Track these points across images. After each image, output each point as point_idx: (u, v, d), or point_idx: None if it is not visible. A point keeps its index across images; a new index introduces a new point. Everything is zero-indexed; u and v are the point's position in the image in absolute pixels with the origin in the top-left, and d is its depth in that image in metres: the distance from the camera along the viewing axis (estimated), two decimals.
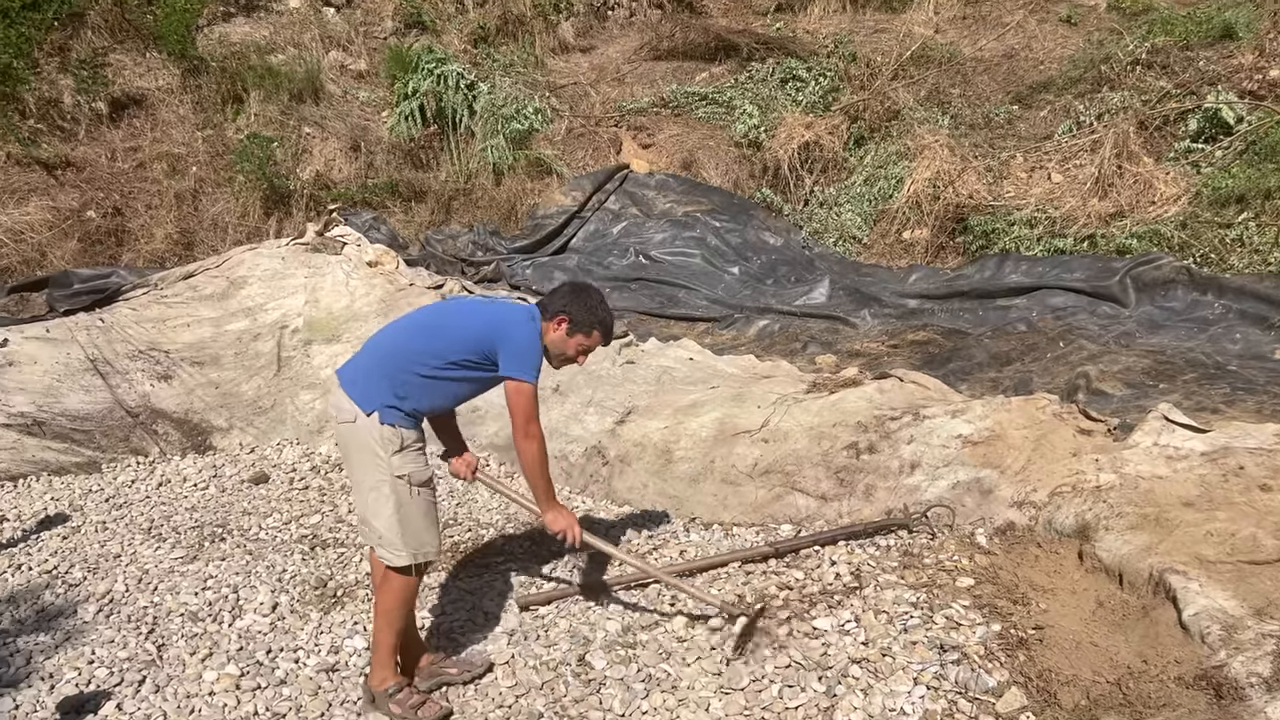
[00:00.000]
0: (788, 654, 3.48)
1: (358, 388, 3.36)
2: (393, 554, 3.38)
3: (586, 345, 3.60)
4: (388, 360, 3.40)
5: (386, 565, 3.41)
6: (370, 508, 3.39)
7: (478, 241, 9.74)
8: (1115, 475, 4.11)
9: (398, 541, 3.36)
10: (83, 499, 5.77)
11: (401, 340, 3.47)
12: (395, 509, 3.34)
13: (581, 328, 3.55)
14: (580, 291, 3.62)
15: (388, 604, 3.43)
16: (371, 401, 3.32)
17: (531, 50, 12.02)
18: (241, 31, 11.99)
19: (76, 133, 10.24)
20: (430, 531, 3.46)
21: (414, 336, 3.47)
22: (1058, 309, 7.53)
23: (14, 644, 4.04)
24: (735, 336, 7.95)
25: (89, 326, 7.06)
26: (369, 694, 3.52)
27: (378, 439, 3.31)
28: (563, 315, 3.52)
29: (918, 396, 5.36)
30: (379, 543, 3.40)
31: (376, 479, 3.35)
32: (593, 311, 3.56)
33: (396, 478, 3.34)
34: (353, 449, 3.40)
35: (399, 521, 3.35)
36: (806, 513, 4.89)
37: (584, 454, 5.89)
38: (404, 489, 3.35)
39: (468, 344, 3.41)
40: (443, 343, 3.41)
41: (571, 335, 3.55)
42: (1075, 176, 8.89)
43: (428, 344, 3.41)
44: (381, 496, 3.35)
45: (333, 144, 10.54)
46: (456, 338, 3.43)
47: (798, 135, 10.02)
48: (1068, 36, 11.02)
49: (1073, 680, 3.13)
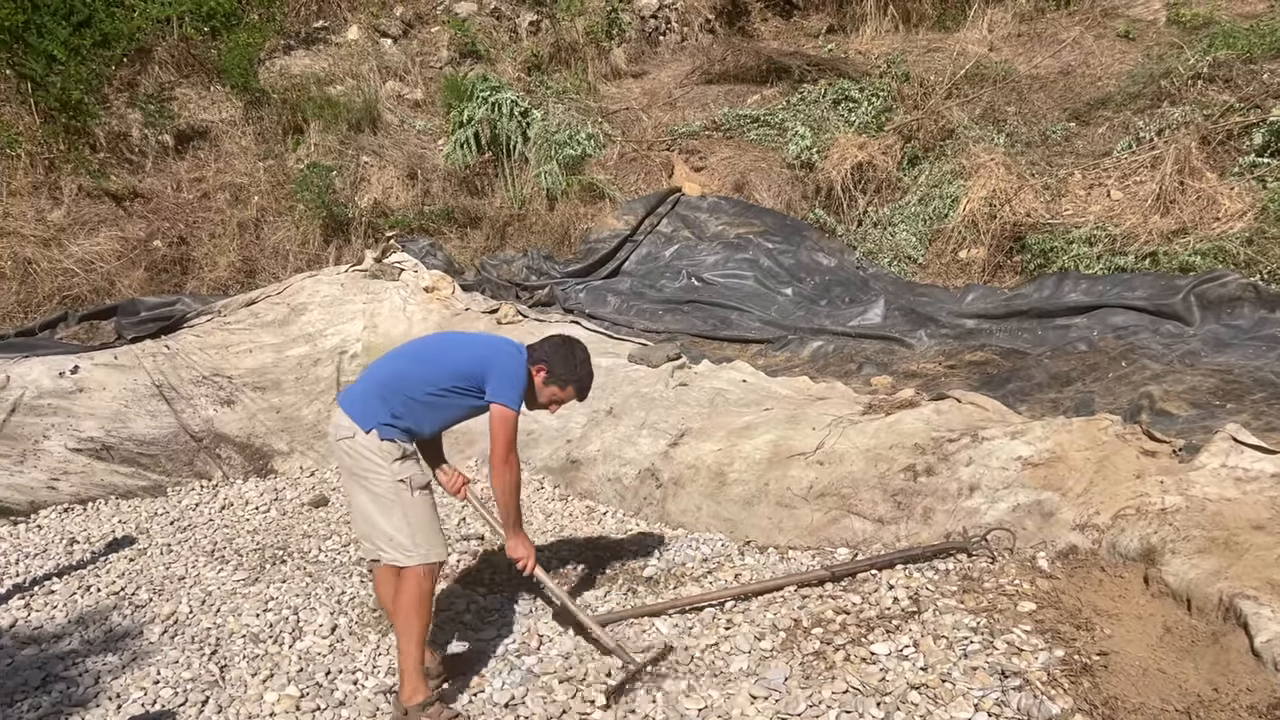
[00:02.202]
0: (845, 679, 3.43)
1: (356, 408, 3.56)
2: (404, 555, 3.51)
3: (560, 398, 3.80)
4: (384, 386, 3.59)
5: (399, 566, 3.53)
6: (378, 516, 3.53)
7: (532, 266, 9.82)
8: (1181, 497, 4.01)
9: (408, 543, 3.51)
10: (149, 522, 5.91)
11: (399, 367, 3.68)
12: (404, 512, 3.50)
13: (558, 380, 3.76)
14: (566, 346, 3.80)
15: (405, 613, 3.52)
16: (369, 420, 3.51)
17: (584, 77, 12.13)
18: (301, 64, 12.27)
19: (144, 165, 10.54)
20: (437, 534, 3.60)
21: (410, 364, 3.68)
22: (1119, 328, 7.38)
23: (83, 664, 4.14)
24: (789, 358, 7.92)
25: (155, 353, 7.25)
26: (400, 708, 3.57)
27: (377, 451, 3.50)
28: (543, 364, 3.73)
29: (976, 418, 5.29)
30: (390, 546, 3.53)
31: (381, 488, 3.52)
32: (573, 369, 3.77)
33: (399, 482, 3.51)
34: (353, 464, 3.55)
35: (408, 524, 3.51)
36: (863, 536, 4.84)
37: (637, 476, 5.89)
38: (406, 493, 3.52)
39: (459, 372, 3.61)
40: (436, 370, 3.62)
41: (547, 385, 3.75)
42: (1135, 193, 8.73)
43: (423, 371, 3.62)
44: (388, 503, 3.51)
45: (390, 172, 10.72)
46: (449, 367, 3.63)
47: (851, 155, 9.98)
48: (1126, 52, 10.85)
49: (1140, 708, 3.05)
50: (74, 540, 5.59)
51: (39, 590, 4.92)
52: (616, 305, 9.09)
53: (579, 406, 6.60)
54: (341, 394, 3.72)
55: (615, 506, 5.90)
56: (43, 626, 4.53)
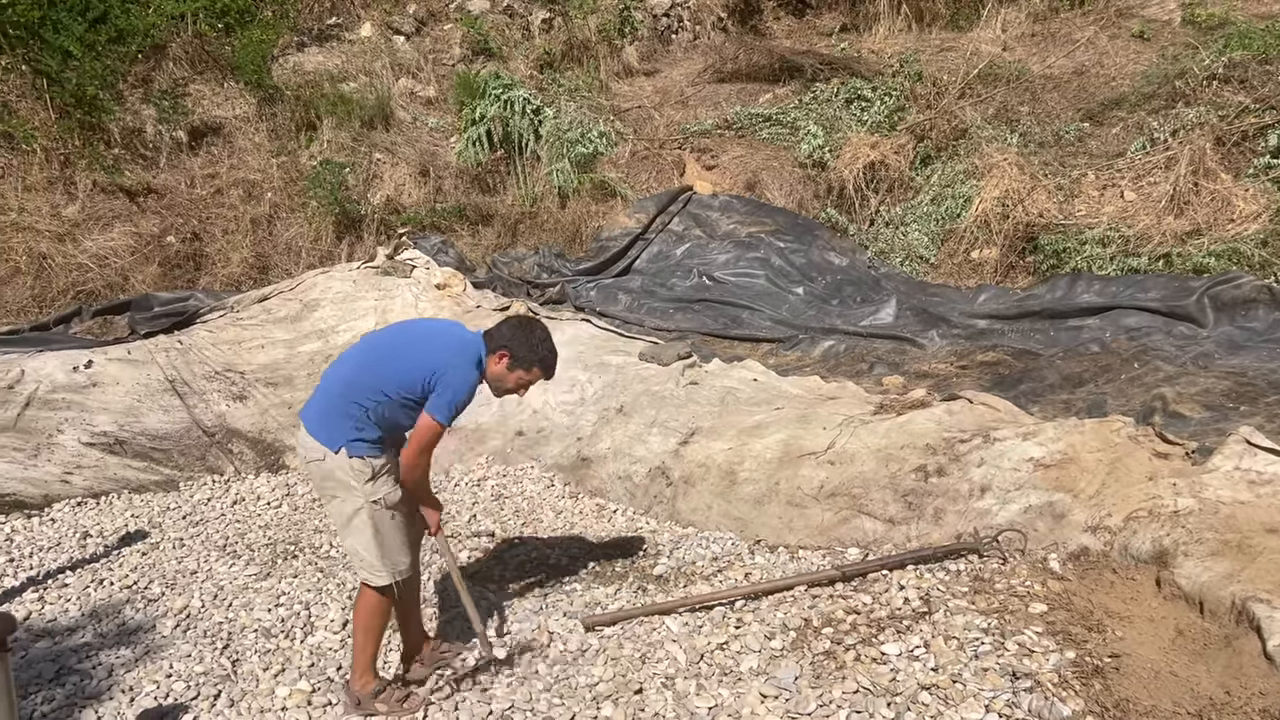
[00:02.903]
0: (855, 679, 3.43)
1: (322, 428, 3.51)
2: (374, 575, 3.55)
3: (526, 380, 3.72)
4: (338, 397, 3.53)
5: (369, 586, 3.57)
6: (349, 535, 3.55)
7: (543, 264, 9.83)
8: (1194, 500, 4.00)
9: (378, 564, 3.54)
10: (161, 516, 5.93)
11: (348, 374, 3.60)
12: (373, 533, 3.51)
13: (522, 364, 3.67)
14: (524, 328, 3.71)
15: (368, 620, 3.61)
16: (336, 439, 3.47)
17: (596, 75, 12.13)
18: (315, 61, 12.30)
19: (158, 160, 10.58)
20: (404, 551, 3.62)
21: (359, 371, 3.59)
22: (1132, 329, 7.35)
23: (96, 657, 4.16)
24: (800, 357, 7.91)
25: (168, 348, 7.28)
26: (353, 698, 3.65)
27: (349, 471, 3.48)
28: (504, 350, 3.63)
29: (988, 418, 5.28)
30: (360, 565, 3.58)
31: (353, 508, 3.51)
32: (534, 349, 3.67)
33: (372, 503, 3.51)
34: (326, 485, 3.55)
35: (378, 545, 3.52)
36: (874, 536, 4.84)
37: (648, 475, 5.90)
38: (380, 513, 3.52)
39: (406, 383, 3.52)
40: (384, 379, 3.53)
41: (512, 370, 3.67)
42: (1149, 194, 8.69)
43: (371, 379, 3.53)
44: (360, 523, 3.51)
45: (402, 169, 10.74)
46: (397, 376, 3.53)
47: (863, 155, 9.96)
48: (1140, 52, 10.80)
49: (1152, 711, 3.04)
50: (87, 534, 5.62)
51: (53, 583, 4.95)
52: (627, 303, 9.09)
53: (589, 404, 6.66)
54: (304, 409, 3.63)
55: (625, 504, 5.91)
56: (56, 619, 4.55)
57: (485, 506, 5.97)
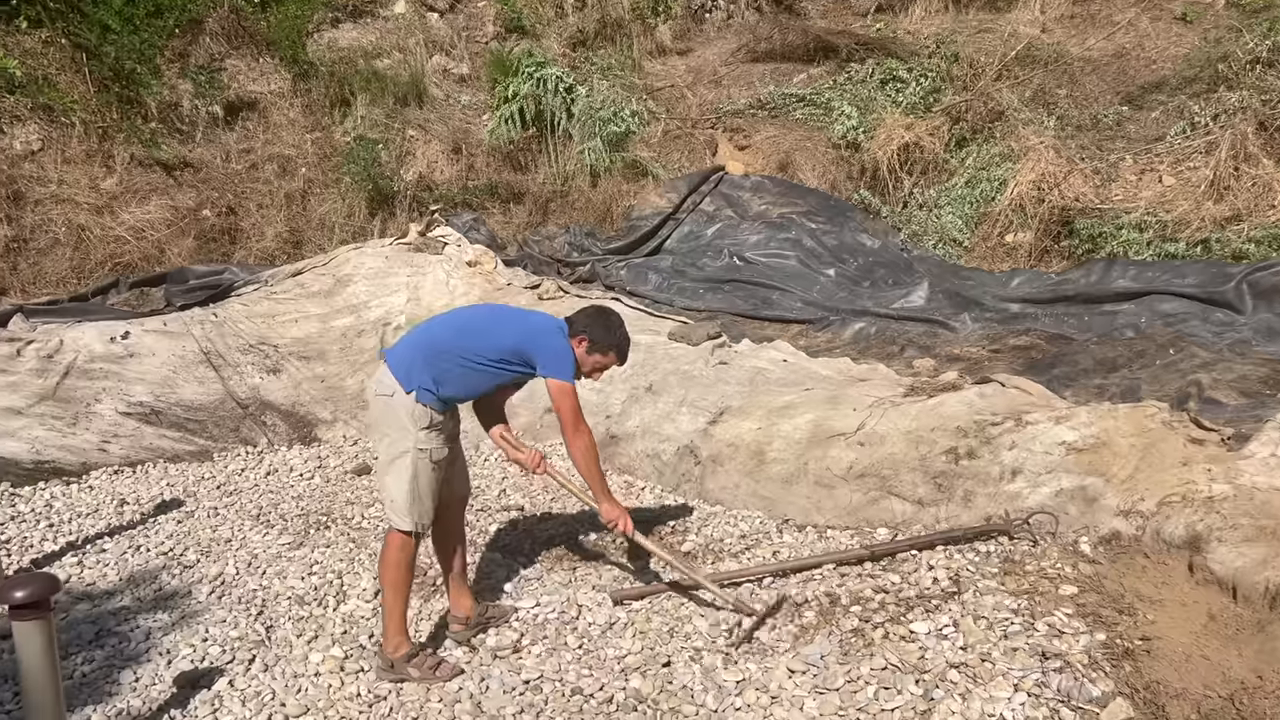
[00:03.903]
0: (883, 656, 3.44)
1: (403, 369, 3.68)
2: (400, 518, 3.68)
3: (603, 364, 3.92)
4: (432, 352, 3.71)
5: (393, 528, 3.71)
6: (389, 475, 3.70)
7: (573, 242, 9.85)
8: (1229, 486, 3.96)
9: (405, 508, 3.67)
10: (196, 485, 6.02)
11: (449, 336, 3.79)
12: (411, 477, 3.65)
13: (599, 348, 3.87)
14: (602, 315, 3.94)
15: (393, 575, 3.72)
16: (411, 382, 3.64)
17: (629, 53, 12.11)
18: (349, 37, 12.35)
19: (194, 135, 10.68)
20: (431, 504, 3.75)
21: (459, 335, 3.79)
22: (1168, 315, 7.28)
23: (134, 620, 4.24)
24: (830, 339, 7.89)
25: (203, 321, 7.35)
26: (385, 660, 3.74)
27: (409, 413, 3.63)
28: (583, 335, 3.84)
29: (1020, 402, 5.24)
30: (390, 506, 3.72)
31: (400, 449, 3.65)
32: (611, 334, 3.88)
33: (419, 449, 3.64)
34: (384, 420, 3.70)
35: (411, 490, 3.65)
36: (902, 517, 4.83)
37: (676, 453, 5.91)
38: (424, 462, 3.65)
39: (506, 348, 3.75)
40: (484, 343, 3.74)
41: (590, 354, 3.87)
42: (1189, 179, 8.59)
43: (471, 343, 3.74)
44: (402, 465, 3.65)
45: (435, 146, 10.78)
46: (496, 342, 3.75)
47: (897, 136, 9.89)
48: (1182, 35, 10.64)
49: (1182, 694, 3.03)
50: (124, 501, 5.71)
51: (91, 549, 5.03)
52: (657, 283, 9.10)
53: (618, 383, 6.67)
54: (389, 350, 3.84)
55: (654, 482, 5.92)
56: (95, 584, 4.64)
57: (515, 481, 6.02)
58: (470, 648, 3.97)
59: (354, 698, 3.63)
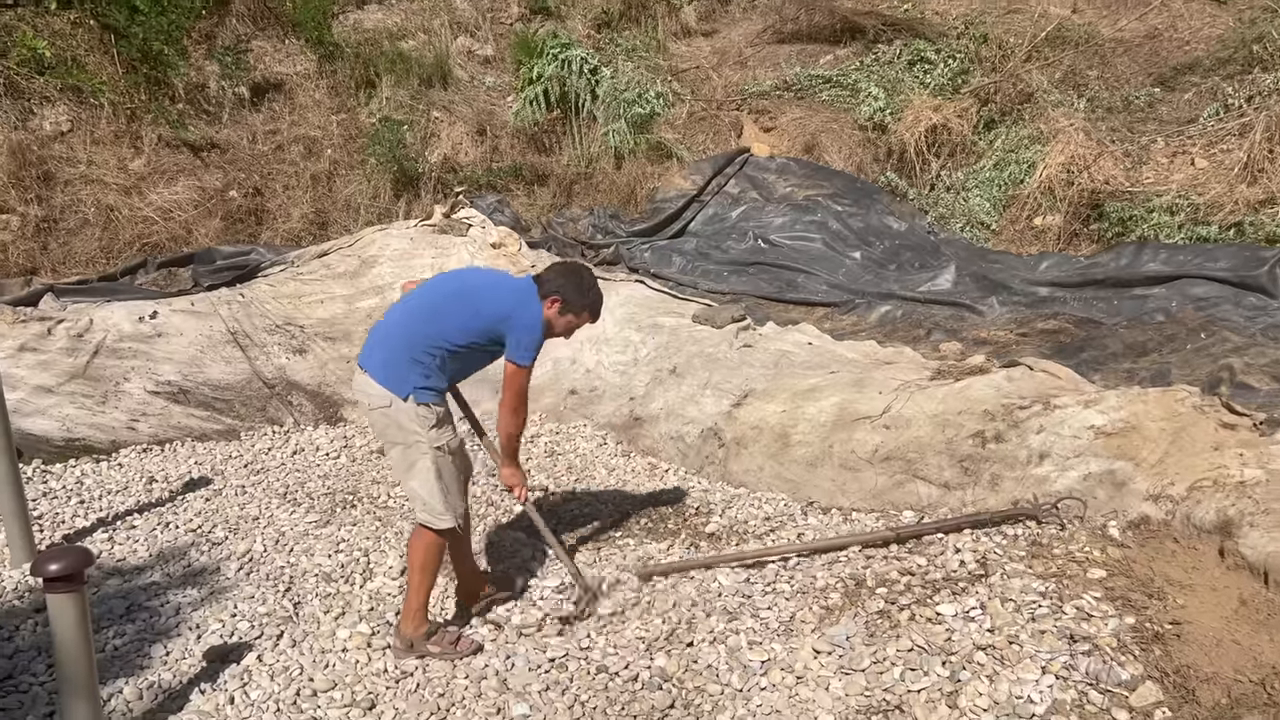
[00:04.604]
0: (910, 638, 3.43)
1: (389, 376, 3.61)
2: (437, 519, 3.67)
3: (575, 324, 3.88)
4: (403, 347, 3.64)
5: (431, 530, 3.69)
6: (416, 482, 3.67)
7: (597, 224, 9.83)
8: (1262, 470, 3.91)
9: (441, 507, 3.67)
10: (223, 464, 6.07)
11: (410, 324, 3.70)
12: (437, 477, 3.64)
13: (572, 308, 3.81)
14: (573, 274, 3.86)
15: (425, 559, 3.73)
16: (404, 387, 3.58)
17: (654, 34, 12.04)
18: (374, 18, 12.35)
19: (220, 116, 10.71)
20: (462, 495, 3.81)
21: (421, 323, 3.69)
22: (1199, 299, 7.19)
23: (164, 596, 4.28)
24: (856, 322, 7.85)
25: (230, 301, 7.39)
26: (404, 640, 3.75)
27: (415, 418, 3.59)
28: (556, 296, 3.75)
29: (1048, 386, 5.20)
30: (422, 508, 3.69)
31: (418, 454, 3.63)
32: (584, 294, 3.82)
33: (435, 449, 3.63)
34: (390, 432, 3.66)
35: (441, 489, 3.66)
36: (928, 501, 4.81)
37: (700, 436, 5.91)
38: (444, 459, 3.66)
39: (477, 330, 3.69)
40: (448, 330, 3.66)
41: (563, 315, 3.80)
42: (1222, 162, 8.47)
43: (435, 330, 3.65)
44: (424, 468, 3.64)
45: (460, 128, 10.77)
46: (462, 326, 3.67)
47: (925, 118, 9.79)
48: (1216, 15, 10.47)
49: (1212, 678, 3.00)
50: (153, 479, 5.76)
51: (121, 525, 5.09)
52: (681, 265, 9.07)
53: (642, 365, 6.67)
54: (363, 356, 3.74)
55: (677, 464, 5.93)
56: (125, 559, 4.69)
57: (539, 463, 6.03)
58: (495, 625, 3.99)
59: (380, 673, 3.66)
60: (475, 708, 3.44)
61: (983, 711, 3.07)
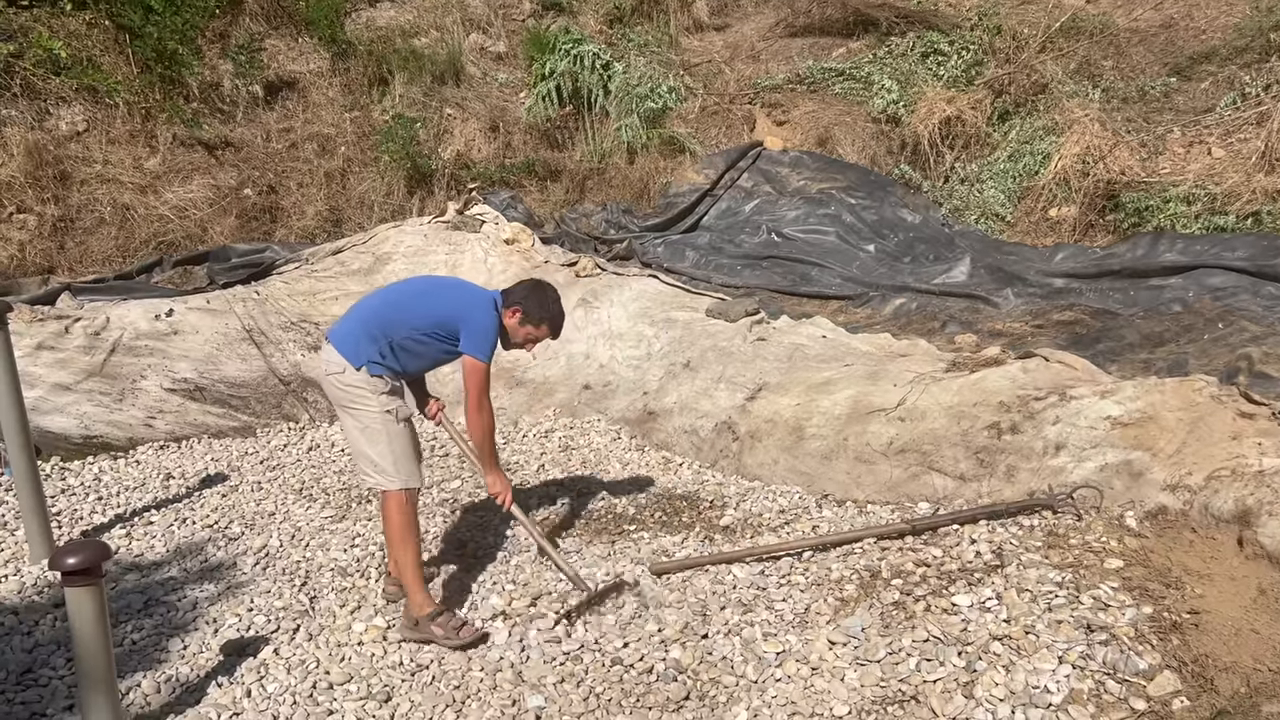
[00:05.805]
0: (925, 629, 3.42)
1: (348, 346, 3.84)
2: (388, 481, 3.84)
3: (535, 335, 4.10)
4: (368, 326, 3.87)
5: (383, 490, 3.87)
6: (366, 444, 3.85)
7: (610, 220, 9.83)
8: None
9: (391, 470, 3.83)
10: (239, 460, 6.10)
11: (385, 310, 3.95)
12: (388, 441, 3.82)
13: (532, 320, 4.04)
14: (537, 289, 4.09)
15: (399, 531, 3.87)
16: (359, 358, 3.81)
17: (666, 29, 12.02)
18: (387, 16, 12.37)
19: (235, 114, 10.76)
20: (414, 462, 3.94)
21: (394, 309, 3.96)
22: (1217, 289, 7.13)
23: (182, 591, 4.31)
24: (870, 315, 7.82)
25: (245, 298, 7.43)
26: (410, 620, 3.82)
27: (366, 384, 3.81)
28: (517, 307, 4.01)
29: (1064, 377, 5.17)
30: (375, 471, 3.86)
31: (369, 418, 3.82)
32: (545, 308, 4.05)
33: (385, 413, 3.82)
34: (343, 397, 3.86)
35: (392, 452, 3.83)
36: (944, 493, 4.79)
37: (714, 429, 5.90)
38: (393, 425, 3.83)
39: (433, 319, 3.90)
40: (415, 316, 3.91)
41: (522, 325, 4.04)
42: (1239, 151, 8.40)
43: (401, 316, 3.92)
44: (375, 432, 3.82)
45: (473, 125, 10.78)
46: (425, 313, 3.92)
47: (938, 110, 9.75)
48: (1233, 4, 10.38)
49: (1231, 667, 2.98)
50: (170, 475, 5.80)
51: (139, 521, 5.13)
52: (695, 260, 9.06)
53: (656, 359, 6.66)
54: (332, 329, 3.98)
55: (691, 458, 5.92)
56: (143, 555, 4.72)
57: (553, 457, 6.04)
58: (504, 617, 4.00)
59: (396, 666, 3.67)
60: (491, 700, 3.44)
61: (999, 701, 3.05)
